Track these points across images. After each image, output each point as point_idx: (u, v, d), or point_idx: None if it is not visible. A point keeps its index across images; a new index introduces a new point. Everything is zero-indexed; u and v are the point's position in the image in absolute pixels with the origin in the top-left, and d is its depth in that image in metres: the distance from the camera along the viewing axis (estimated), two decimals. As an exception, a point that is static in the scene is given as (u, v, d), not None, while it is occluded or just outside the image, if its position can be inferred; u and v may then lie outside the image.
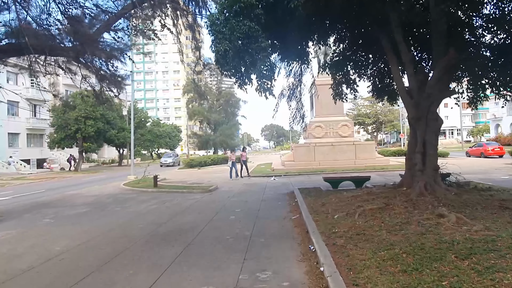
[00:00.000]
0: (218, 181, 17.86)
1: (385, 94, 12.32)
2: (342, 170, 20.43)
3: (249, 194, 12.53)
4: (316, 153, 23.37)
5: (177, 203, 11.16)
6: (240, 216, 8.53)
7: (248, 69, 8.92)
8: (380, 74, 11.90)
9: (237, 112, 54.33)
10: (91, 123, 34.58)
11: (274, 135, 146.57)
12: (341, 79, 12.18)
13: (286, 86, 13.81)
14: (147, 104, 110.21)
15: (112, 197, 13.47)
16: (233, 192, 13.19)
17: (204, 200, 11.57)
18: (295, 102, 14.07)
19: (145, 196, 13.20)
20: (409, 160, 9.30)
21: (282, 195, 11.75)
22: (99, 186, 18.89)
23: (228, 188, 14.69)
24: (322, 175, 19.10)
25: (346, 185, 12.10)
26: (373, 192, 9.28)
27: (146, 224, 8.03)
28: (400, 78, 9.30)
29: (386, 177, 16.33)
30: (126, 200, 12.38)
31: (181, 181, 19.22)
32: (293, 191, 12.05)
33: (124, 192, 15.19)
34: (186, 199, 11.83)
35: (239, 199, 11.42)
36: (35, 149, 41.94)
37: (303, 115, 14.11)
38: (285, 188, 13.70)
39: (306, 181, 16.24)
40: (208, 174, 23.30)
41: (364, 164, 22.32)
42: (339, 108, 25.40)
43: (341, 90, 12.46)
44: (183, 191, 13.92)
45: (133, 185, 16.92)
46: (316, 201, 9.28)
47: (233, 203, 10.51)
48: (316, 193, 10.77)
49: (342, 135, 24.54)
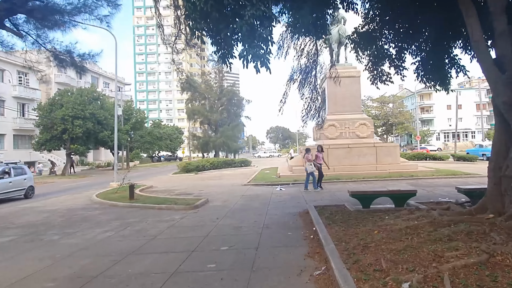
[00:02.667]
0: (212, 191, 14.55)
1: (436, 76, 8.91)
2: (362, 177, 16.99)
3: (246, 213, 9.17)
4: (329, 157, 19.87)
5: (142, 228, 7.83)
6: (225, 263, 5.16)
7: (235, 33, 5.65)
8: (433, 45, 8.48)
9: (241, 113, 50.90)
10: (79, 123, 31.46)
11: (279, 138, 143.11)
12: (380, 55, 8.79)
13: (297, 69, 10.48)
14: (149, 106, 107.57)
15: (67, 215, 10.22)
16: (225, 210, 9.84)
17: (182, 223, 8.23)
18: (309, 90, 10.76)
19: (108, 215, 9.90)
20: (494, 169, 5.88)
21: (292, 216, 8.37)
22: (69, 196, 15.67)
23: (221, 202, 11.35)
24: (339, 184, 15.70)
25: (381, 202, 8.73)
26: (437, 220, 5.86)
27: (60, 282, 4.70)
28: (482, 39, 5.89)
29: (423, 187, 12.87)
30: (81, 221, 9.11)
31: (168, 190, 15.95)
32: (306, 210, 8.69)
33: (90, 206, 11.93)
34: (159, 221, 8.52)
35: (232, 222, 8.07)
36: (23, 151, 38.93)
37: (319, 108, 10.76)
38: (296, 204, 10.32)
39: (321, 192, 12.83)
40: (203, 181, 20.00)
41: (387, 170, 18.84)
42: (356, 104, 22.00)
43: (380, 70, 9.04)
44: (161, 207, 10.61)
45: (107, 196, 13.69)
46: (348, 233, 5.90)
47: (221, 232, 7.16)
48: (342, 216, 7.38)
49: (360, 135, 21.06)
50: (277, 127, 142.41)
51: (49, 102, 33.18)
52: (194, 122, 47.17)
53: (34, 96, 40.06)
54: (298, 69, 10.34)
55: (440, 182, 14.80)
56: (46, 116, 31.85)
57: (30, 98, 39.47)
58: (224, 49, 6.20)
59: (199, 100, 45.87)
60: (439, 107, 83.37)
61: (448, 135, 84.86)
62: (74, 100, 31.91)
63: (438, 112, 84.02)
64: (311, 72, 10.46)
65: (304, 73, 10.23)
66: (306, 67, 10.29)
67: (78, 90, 35.35)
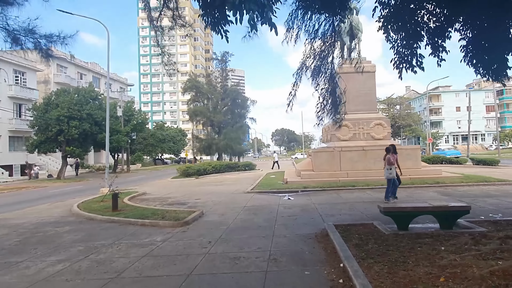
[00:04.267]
0: (210, 200, 12.64)
1: (489, 62, 6.89)
2: (380, 184, 14.87)
3: (247, 234, 7.21)
4: (342, 161, 17.91)
5: (108, 257, 5.90)
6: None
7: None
8: (488, 20, 6.49)
9: (246, 114, 48.92)
10: (75, 124, 29.78)
11: (285, 140, 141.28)
12: (415, 31, 6.78)
13: (311, 54, 8.53)
14: (153, 107, 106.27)
15: (29, 233, 8.36)
16: (221, 228, 7.90)
17: (163, 250, 6.29)
18: (325, 80, 8.80)
19: (77, 233, 8.01)
20: None
21: (307, 241, 6.38)
22: (49, 205, 13.85)
23: (218, 216, 9.40)
24: (356, 192, 13.70)
25: (418, 219, 6.76)
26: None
27: None
28: None
29: (458, 198, 10.81)
30: (38, 244, 7.23)
31: (162, 198, 14.08)
32: (325, 231, 6.72)
33: (63, 220, 10.06)
34: (134, 245, 6.60)
35: (227, 249, 6.12)
36: (20, 153, 37.39)
37: (337, 102, 8.78)
38: (309, 220, 8.33)
39: (338, 203, 10.84)
40: (202, 187, 18.09)
41: (407, 175, 16.59)
42: (371, 102, 19.97)
43: (411, 52, 7.01)
44: (144, 223, 8.69)
45: (88, 206, 11.84)
46: (396, 279, 3.91)
47: (211, 267, 5.20)
48: (377, 244, 5.40)
49: (376, 137, 18.99)
50: (282, 129, 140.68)
51: (45, 102, 31.60)
52: (196, 124, 45.31)
53: (31, 96, 38.56)
54: (312, 54, 8.39)
55: (475, 191, 12.71)
56: (40, 117, 30.23)
57: (27, 98, 37.98)
58: (214, 11, 4.33)
59: (202, 101, 44.01)
60: (448, 109, 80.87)
61: (457, 137, 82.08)
62: (70, 100, 30.28)
63: (447, 114, 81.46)
64: (327, 58, 8.51)
65: (320, 58, 8.27)
66: (322, 51, 8.34)
67: (74, 90, 33.77)
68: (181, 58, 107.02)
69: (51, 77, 44.21)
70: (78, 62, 48.72)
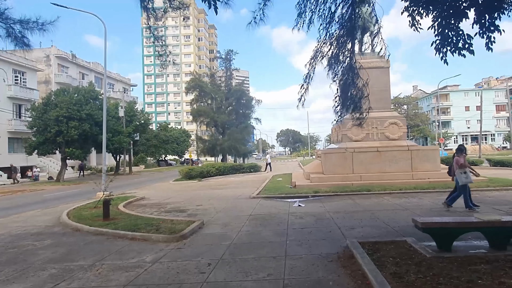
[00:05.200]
0: (212, 207, 11.48)
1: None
2: (398, 188, 13.66)
3: (254, 253, 6.01)
4: (354, 163, 16.65)
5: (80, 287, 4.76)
6: None
7: None
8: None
9: (250, 114, 47.66)
10: (74, 125, 28.80)
11: (290, 141, 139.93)
12: (457, 7, 5.54)
13: (327, 40, 7.34)
14: (157, 108, 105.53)
15: (3, 248, 7.25)
16: (224, 244, 6.72)
17: (150, 276, 5.11)
18: (342, 71, 7.61)
19: (55, 249, 6.88)
20: None
21: (328, 266, 5.17)
22: (38, 212, 12.80)
23: (220, 228, 8.23)
24: (373, 197, 12.45)
25: (459, 237, 5.53)
26: None
27: None
28: None
29: (492, 206, 9.53)
30: (6, 264, 6.11)
31: (160, 204, 12.97)
32: (348, 251, 5.53)
33: (47, 231, 8.96)
34: (117, 269, 5.45)
35: (230, 276, 4.93)
36: (20, 155, 36.50)
37: (359, 95, 7.56)
38: (327, 234, 7.11)
39: (356, 211, 9.60)
40: (205, 191, 16.95)
41: (426, 178, 15.47)
42: (385, 100, 18.65)
43: (456, 31, 5.75)
44: (134, 236, 7.54)
45: (78, 214, 10.74)
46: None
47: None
48: (421, 273, 4.20)
49: (391, 137, 17.70)
50: (287, 130, 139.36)
51: (44, 102, 30.71)
52: (200, 124, 44.22)
53: (31, 96, 37.71)
54: (329, 40, 7.20)
55: (508, 197, 11.40)
56: (39, 117, 29.33)
57: (27, 99, 37.13)
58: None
59: (206, 100, 42.89)
60: (457, 109, 79.04)
61: (466, 137, 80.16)
62: (69, 100, 29.33)
63: (455, 114, 79.61)
64: (345, 45, 7.31)
65: (337, 44, 7.08)
66: (340, 36, 7.15)
67: (74, 89, 32.83)
68: (185, 58, 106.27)
69: (52, 77, 43.43)
70: (80, 62, 47.94)
